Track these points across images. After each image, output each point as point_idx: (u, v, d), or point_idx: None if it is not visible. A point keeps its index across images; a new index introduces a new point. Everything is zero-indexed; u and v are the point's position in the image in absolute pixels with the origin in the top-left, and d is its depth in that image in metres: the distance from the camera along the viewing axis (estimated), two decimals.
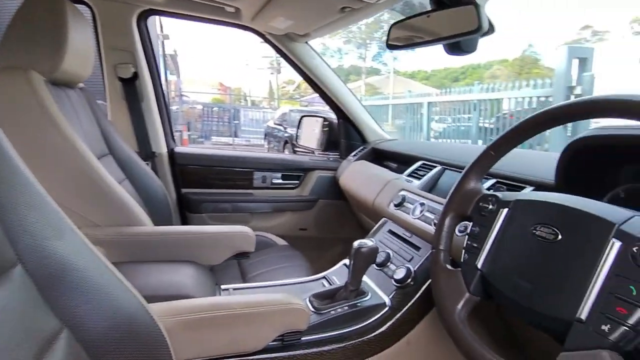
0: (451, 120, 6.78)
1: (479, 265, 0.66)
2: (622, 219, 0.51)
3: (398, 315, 0.92)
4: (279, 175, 1.88)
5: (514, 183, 0.95)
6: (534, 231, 0.59)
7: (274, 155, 2.01)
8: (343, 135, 1.95)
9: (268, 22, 1.46)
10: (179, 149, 1.78)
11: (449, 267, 0.71)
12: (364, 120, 1.90)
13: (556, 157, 1.01)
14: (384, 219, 1.26)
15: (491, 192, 0.74)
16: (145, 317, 0.54)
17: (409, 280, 0.96)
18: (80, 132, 1.10)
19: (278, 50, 1.71)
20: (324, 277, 1.16)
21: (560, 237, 0.56)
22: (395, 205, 1.20)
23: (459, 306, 0.66)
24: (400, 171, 1.48)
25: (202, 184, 1.80)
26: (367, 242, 0.92)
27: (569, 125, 4.48)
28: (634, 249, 0.47)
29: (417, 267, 0.98)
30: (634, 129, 0.74)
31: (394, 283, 0.99)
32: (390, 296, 0.96)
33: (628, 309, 0.45)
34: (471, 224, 0.72)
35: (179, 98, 12.03)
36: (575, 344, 0.48)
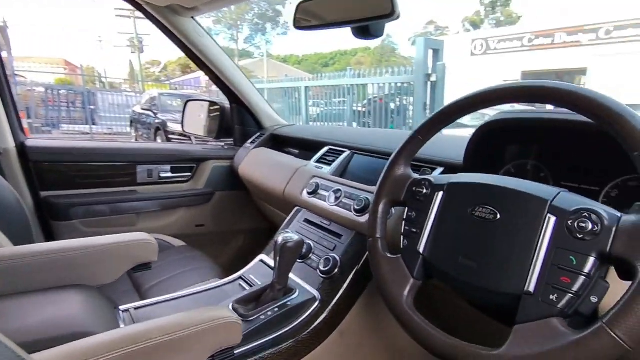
0: (324, 104, 7.10)
1: (421, 250, 0.67)
2: (552, 195, 0.56)
3: (329, 307, 0.90)
4: (168, 167, 1.66)
5: (426, 165, 0.99)
6: (473, 212, 0.62)
7: (161, 146, 1.77)
8: (237, 120, 1.82)
9: None
10: (32, 142, 1.42)
11: (389, 255, 0.71)
12: (258, 105, 1.80)
13: (455, 139, 1.10)
14: (297, 208, 1.21)
15: (421, 175, 0.75)
16: None
17: (336, 270, 0.94)
18: None
19: (159, 25, 1.48)
20: (240, 278, 1.07)
21: (499, 216, 0.59)
22: (309, 193, 1.16)
23: (405, 293, 0.66)
24: (304, 157, 1.45)
25: (68, 184, 1.47)
26: (292, 236, 0.86)
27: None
28: (569, 222, 0.52)
29: (341, 255, 0.97)
30: (520, 113, 0.84)
31: (320, 275, 0.95)
32: (319, 289, 0.93)
33: (571, 277, 0.49)
34: (406, 209, 0.73)
35: (12, 78, 9.80)
36: (527, 315, 0.51)
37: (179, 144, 1.78)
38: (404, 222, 0.72)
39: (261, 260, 1.11)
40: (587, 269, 0.49)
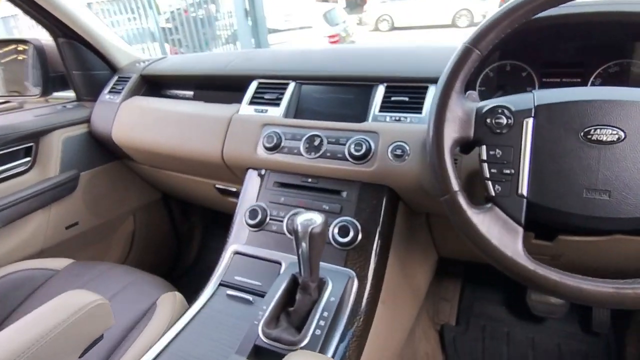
0: (112, 24, 5.85)
1: (524, 193, 0.56)
2: None
3: (368, 281, 0.74)
4: None
5: (414, 84, 0.84)
6: (588, 136, 0.52)
7: None
8: (73, 64, 1.23)
9: None
10: None
11: (478, 208, 0.57)
12: (102, 37, 1.23)
13: (406, 50, 0.96)
14: (251, 172, 0.92)
15: (476, 102, 0.61)
16: None
17: (359, 237, 0.77)
18: None
19: None
20: (221, 285, 0.79)
21: (624, 136, 0.51)
22: (268, 149, 0.88)
23: (520, 248, 0.55)
24: (205, 100, 1.10)
25: None
26: (314, 218, 0.63)
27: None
28: None
29: (355, 216, 0.79)
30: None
31: (340, 247, 0.77)
32: (347, 265, 0.75)
33: None
34: (484, 147, 0.59)
35: None
36: None
37: None
38: (486, 165, 0.58)
39: (237, 252, 0.83)
40: None
